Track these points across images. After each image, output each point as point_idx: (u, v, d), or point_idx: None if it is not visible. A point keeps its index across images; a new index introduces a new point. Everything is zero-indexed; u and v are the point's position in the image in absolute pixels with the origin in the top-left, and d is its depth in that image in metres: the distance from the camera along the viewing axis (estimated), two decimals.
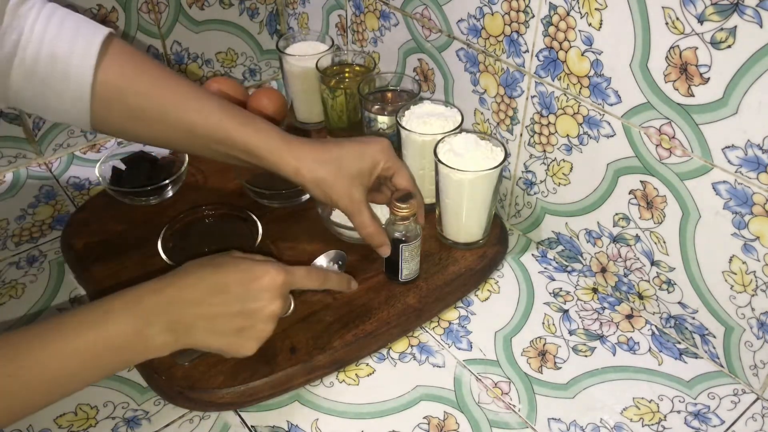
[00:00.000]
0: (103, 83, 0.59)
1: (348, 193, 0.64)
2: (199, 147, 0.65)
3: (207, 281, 0.55)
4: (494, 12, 0.71)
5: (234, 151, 0.64)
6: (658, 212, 0.65)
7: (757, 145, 0.54)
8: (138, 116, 0.62)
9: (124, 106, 0.61)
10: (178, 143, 0.65)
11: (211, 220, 0.77)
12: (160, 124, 0.62)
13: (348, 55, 0.91)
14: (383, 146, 0.67)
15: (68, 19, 0.58)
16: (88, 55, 0.58)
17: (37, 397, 0.50)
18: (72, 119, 0.61)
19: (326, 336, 0.65)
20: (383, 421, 0.61)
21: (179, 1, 0.95)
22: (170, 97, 0.62)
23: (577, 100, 0.67)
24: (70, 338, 0.51)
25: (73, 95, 0.58)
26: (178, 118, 0.62)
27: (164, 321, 0.53)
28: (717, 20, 0.53)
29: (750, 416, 0.62)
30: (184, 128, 0.62)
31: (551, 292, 0.75)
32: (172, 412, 0.62)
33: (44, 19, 0.57)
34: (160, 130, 0.63)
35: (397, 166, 0.68)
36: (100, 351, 0.51)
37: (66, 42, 0.57)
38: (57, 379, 0.50)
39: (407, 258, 0.69)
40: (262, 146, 0.63)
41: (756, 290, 0.60)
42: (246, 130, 0.63)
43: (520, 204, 0.81)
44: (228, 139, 0.63)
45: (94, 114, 0.60)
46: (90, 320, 0.52)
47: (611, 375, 0.66)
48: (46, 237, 0.81)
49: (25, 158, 0.92)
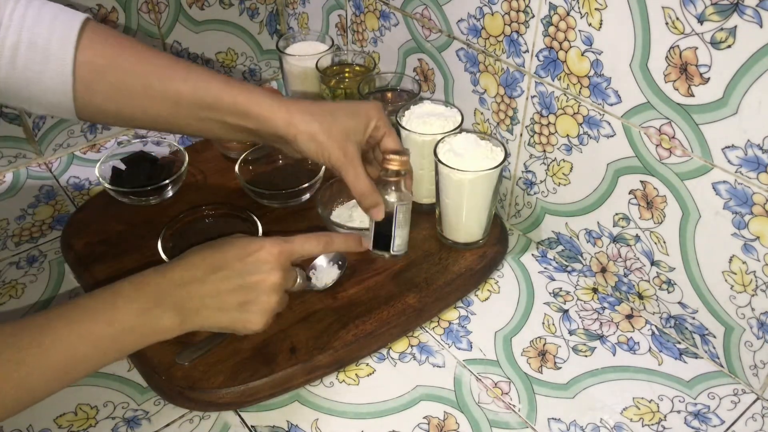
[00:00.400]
0: (84, 64, 0.58)
1: (342, 147, 0.62)
2: (186, 118, 0.62)
3: (207, 261, 0.57)
4: (494, 12, 0.71)
5: (223, 114, 0.62)
6: (658, 212, 0.65)
7: (757, 145, 0.54)
8: (121, 93, 0.60)
9: (106, 85, 0.60)
10: (165, 118, 0.63)
11: (211, 220, 0.77)
12: (144, 99, 0.61)
13: (348, 55, 0.91)
14: (376, 105, 0.66)
15: (46, 7, 0.58)
16: (67, 39, 0.57)
17: (47, 383, 0.51)
18: (57, 106, 0.60)
19: (326, 336, 0.65)
20: (383, 421, 0.61)
21: (179, 1, 0.95)
22: (153, 70, 0.61)
23: (577, 100, 0.67)
24: (79, 323, 0.51)
25: (55, 79, 0.58)
26: (162, 90, 0.61)
27: (170, 302, 0.55)
28: (717, 20, 0.53)
29: (750, 416, 0.62)
30: (169, 99, 0.61)
31: (551, 292, 0.75)
32: (172, 412, 0.62)
33: (22, 9, 0.56)
34: (145, 105, 0.61)
35: (387, 127, 0.66)
36: (109, 334, 0.52)
37: (44, 28, 0.57)
38: (66, 364, 0.51)
39: (401, 222, 0.66)
40: (252, 102, 0.61)
41: (756, 290, 0.60)
42: (234, 91, 0.61)
43: (520, 204, 0.81)
44: (216, 103, 0.61)
45: (77, 97, 0.59)
46: (98, 304, 0.53)
47: (611, 375, 0.66)
48: (46, 237, 0.81)
49: (25, 158, 0.92)
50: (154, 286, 0.55)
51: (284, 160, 0.85)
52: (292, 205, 0.81)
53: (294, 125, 0.61)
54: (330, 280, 0.70)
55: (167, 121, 0.63)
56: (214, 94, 0.61)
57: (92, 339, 0.52)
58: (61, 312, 0.52)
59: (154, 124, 0.65)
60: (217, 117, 0.62)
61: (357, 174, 0.63)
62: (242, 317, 0.58)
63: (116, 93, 0.60)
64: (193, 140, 0.96)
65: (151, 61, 0.61)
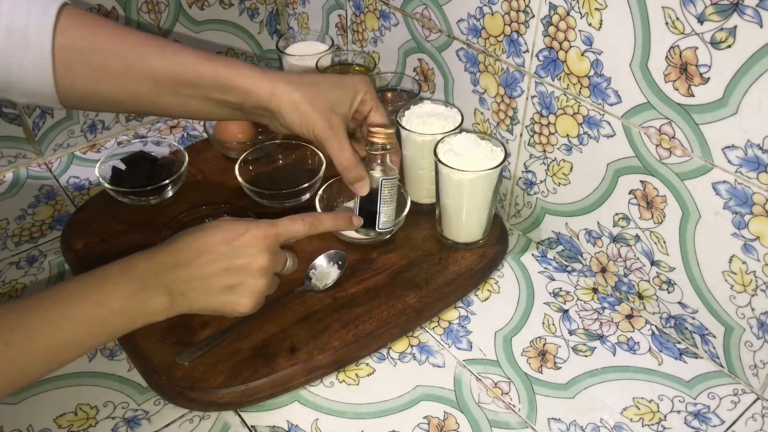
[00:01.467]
0: (63, 46, 0.58)
1: (327, 117, 0.61)
2: (168, 96, 0.62)
3: (194, 245, 0.57)
4: (494, 12, 0.71)
5: (204, 90, 0.61)
6: (658, 212, 0.65)
7: (757, 145, 0.54)
8: (101, 74, 0.60)
9: (86, 67, 0.59)
10: (147, 98, 0.62)
11: (211, 220, 0.77)
12: (124, 79, 0.60)
13: (348, 55, 0.91)
14: (364, 79, 0.65)
15: None
16: (45, 22, 0.57)
17: (36, 365, 0.50)
18: (38, 93, 0.59)
19: (326, 336, 0.65)
20: (383, 421, 0.61)
21: (179, 1, 0.95)
22: (131, 49, 0.60)
23: (577, 100, 0.67)
24: (69, 304, 0.51)
25: (35, 64, 0.57)
26: (142, 68, 0.60)
27: (159, 284, 0.55)
28: (717, 20, 0.53)
29: (750, 416, 0.62)
30: (149, 77, 0.60)
31: (551, 292, 0.75)
32: (172, 412, 0.62)
33: None
34: (125, 85, 0.61)
35: (375, 101, 0.65)
36: (98, 316, 0.52)
37: (21, 14, 0.56)
38: (54, 345, 0.50)
39: (386, 198, 0.65)
40: (234, 76, 0.60)
41: (756, 290, 0.60)
42: (214, 64, 0.61)
43: (520, 204, 0.81)
44: (196, 78, 0.60)
45: (58, 82, 0.59)
46: (87, 287, 0.53)
47: (611, 375, 0.66)
48: (46, 237, 0.81)
49: (25, 158, 0.92)
50: (141, 270, 0.55)
51: (284, 160, 0.85)
52: (292, 205, 0.81)
53: (277, 96, 0.60)
54: (330, 280, 0.70)
55: (150, 101, 0.63)
56: (193, 68, 0.60)
57: (81, 320, 0.52)
58: (50, 294, 0.52)
59: (137, 105, 0.64)
60: (198, 93, 0.61)
61: (341, 146, 0.62)
62: (230, 300, 0.58)
63: (96, 74, 0.60)
64: (193, 140, 0.96)
65: (128, 39, 0.60)
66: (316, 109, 0.61)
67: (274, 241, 0.59)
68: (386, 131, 0.63)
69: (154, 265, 0.56)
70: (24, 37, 0.56)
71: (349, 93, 0.63)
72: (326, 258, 0.72)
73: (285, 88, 0.60)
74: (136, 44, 0.61)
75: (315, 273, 0.71)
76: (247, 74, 0.61)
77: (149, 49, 0.61)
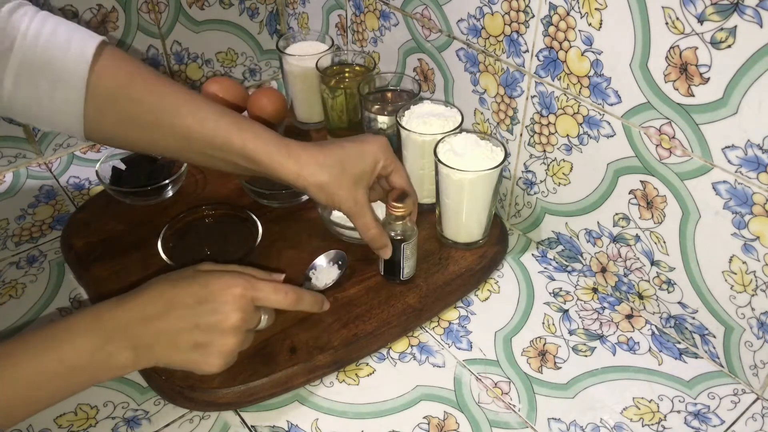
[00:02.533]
0: (97, 86, 0.58)
1: (352, 196, 0.64)
2: (196, 153, 0.63)
3: (165, 297, 0.55)
4: (494, 12, 0.71)
5: (232, 156, 0.62)
6: (658, 212, 0.65)
7: (757, 145, 0.54)
8: (132, 122, 0.61)
9: (117, 111, 0.60)
10: (174, 150, 0.64)
11: (211, 220, 0.77)
12: (154, 130, 0.61)
13: (348, 55, 0.91)
14: (382, 144, 0.66)
15: (61, 25, 0.58)
16: (82, 59, 0.57)
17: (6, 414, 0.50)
18: (65, 124, 0.60)
19: (326, 336, 0.65)
20: (383, 421, 0.61)
21: (179, 1, 0.95)
22: (165, 102, 0.61)
23: (577, 100, 0.67)
24: (31, 359, 0.50)
25: (67, 98, 0.58)
26: (173, 124, 0.61)
27: (124, 338, 0.53)
28: (717, 20, 0.52)
29: (750, 416, 0.62)
30: (179, 134, 0.61)
31: (551, 292, 0.75)
32: (172, 412, 0.62)
33: (38, 25, 0.57)
34: (155, 136, 0.62)
35: (395, 164, 0.67)
36: (62, 371, 0.51)
37: (60, 47, 0.57)
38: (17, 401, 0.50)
39: (408, 256, 0.69)
40: (261, 151, 0.62)
41: (756, 290, 0.60)
42: (244, 135, 0.62)
43: (520, 204, 0.81)
44: (226, 145, 0.61)
45: (87, 119, 0.59)
46: (51, 341, 0.51)
47: (611, 375, 0.66)
48: (46, 237, 0.81)
49: (25, 158, 0.92)
50: (110, 320, 0.53)
51: None
52: (292, 205, 0.81)
53: (304, 177, 0.62)
54: (330, 280, 0.70)
55: (178, 152, 0.64)
56: (223, 135, 0.61)
57: (47, 376, 0.50)
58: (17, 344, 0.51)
59: (163, 153, 0.66)
60: (226, 157, 0.63)
61: (366, 222, 0.65)
62: (198, 358, 0.56)
63: (126, 120, 0.61)
64: None
65: (163, 91, 0.61)
66: (342, 189, 0.63)
67: (249, 302, 0.57)
68: (405, 209, 0.66)
69: (120, 316, 0.53)
70: (60, 72, 0.57)
71: (370, 162, 0.65)
72: (326, 258, 0.72)
73: (311, 171, 0.62)
74: (172, 98, 0.61)
75: (315, 273, 0.71)
76: (274, 153, 0.62)
77: (184, 108, 0.61)
